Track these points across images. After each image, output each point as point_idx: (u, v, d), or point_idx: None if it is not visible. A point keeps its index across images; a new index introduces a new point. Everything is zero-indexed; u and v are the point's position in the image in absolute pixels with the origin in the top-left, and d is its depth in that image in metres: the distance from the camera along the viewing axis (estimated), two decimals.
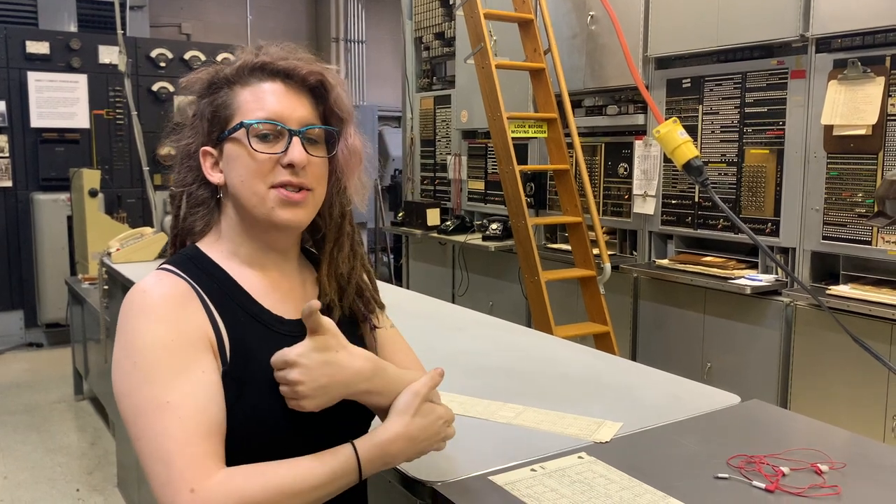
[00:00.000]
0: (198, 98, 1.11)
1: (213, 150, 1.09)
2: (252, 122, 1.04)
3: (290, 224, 1.07)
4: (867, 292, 2.81)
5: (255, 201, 1.05)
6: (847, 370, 2.84)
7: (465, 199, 5.17)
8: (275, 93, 1.06)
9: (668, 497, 1.12)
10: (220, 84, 1.09)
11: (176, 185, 1.14)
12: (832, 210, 2.98)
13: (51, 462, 3.87)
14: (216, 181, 1.09)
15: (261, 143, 1.04)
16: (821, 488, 1.16)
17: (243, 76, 1.08)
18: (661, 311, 3.64)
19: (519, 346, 2.07)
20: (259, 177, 1.04)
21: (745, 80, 3.28)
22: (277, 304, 1.09)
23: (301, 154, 1.05)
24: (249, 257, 1.10)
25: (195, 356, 0.97)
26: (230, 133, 1.06)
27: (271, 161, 1.04)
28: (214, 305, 1.03)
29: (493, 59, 3.67)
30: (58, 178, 5.92)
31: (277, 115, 1.05)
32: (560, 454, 1.28)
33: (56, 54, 6.03)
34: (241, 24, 8.22)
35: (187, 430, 0.92)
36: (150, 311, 0.98)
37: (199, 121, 1.10)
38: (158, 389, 0.93)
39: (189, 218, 1.12)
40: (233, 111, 1.07)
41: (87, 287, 4.55)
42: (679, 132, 1.64)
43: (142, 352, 0.95)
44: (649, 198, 3.74)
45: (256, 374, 1.01)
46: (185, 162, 1.12)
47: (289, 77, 1.08)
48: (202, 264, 1.08)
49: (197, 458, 0.91)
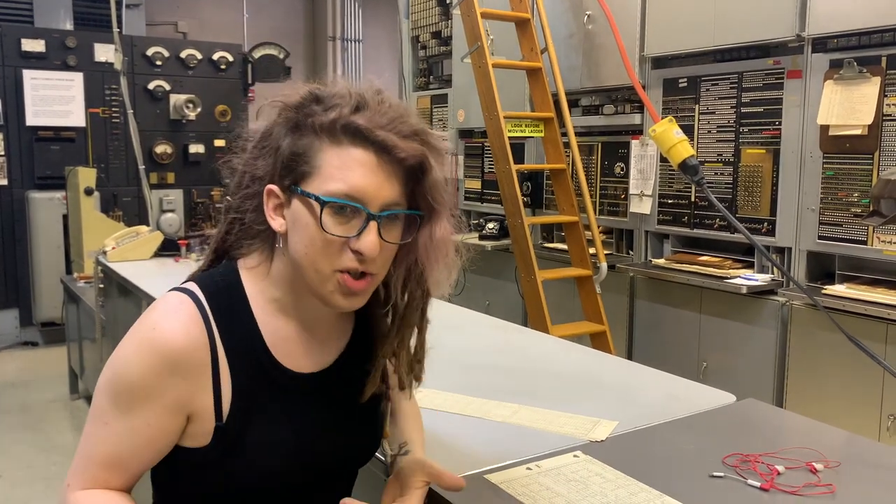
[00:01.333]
0: (279, 125, 1.00)
1: (281, 194, 0.99)
2: (329, 200, 0.93)
3: (345, 310, 1.03)
4: (863, 292, 2.82)
5: (315, 278, 0.97)
6: (843, 370, 2.85)
7: (462, 198, 5.17)
8: (363, 166, 0.94)
9: (663, 496, 1.12)
10: (308, 128, 0.97)
11: (233, 204, 1.05)
12: (828, 210, 2.99)
13: (46, 461, 3.86)
14: (277, 228, 0.99)
15: (334, 219, 0.94)
16: (815, 487, 1.16)
17: (335, 132, 0.95)
18: (657, 311, 3.65)
19: (515, 345, 2.07)
20: (324, 256, 0.95)
21: (741, 79, 3.28)
22: (297, 357, 1.05)
23: (372, 244, 0.94)
24: (287, 308, 1.04)
25: (152, 411, 0.97)
26: (304, 195, 0.95)
27: (340, 242, 0.95)
28: (227, 356, 0.99)
29: (489, 58, 3.67)
30: (53, 177, 5.90)
31: (360, 193, 0.94)
32: (556, 453, 1.28)
33: (52, 52, 6.01)
34: (238, 22, 8.20)
35: (101, 452, 1.00)
36: (147, 351, 0.96)
37: (275, 154, 0.99)
38: (110, 410, 0.98)
39: (238, 243, 1.06)
40: (312, 168, 0.96)
41: (82, 286, 4.54)
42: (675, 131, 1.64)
43: (118, 375, 0.98)
44: (646, 197, 3.74)
45: (255, 432, 1.00)
46: (248, 185, 1.02)
47: (385, 151, 0.95)
48: (234, 302, 1.01)
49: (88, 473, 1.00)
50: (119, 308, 3.20)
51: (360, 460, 1.14)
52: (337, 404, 1.08)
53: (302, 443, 1.03)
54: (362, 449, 1.13)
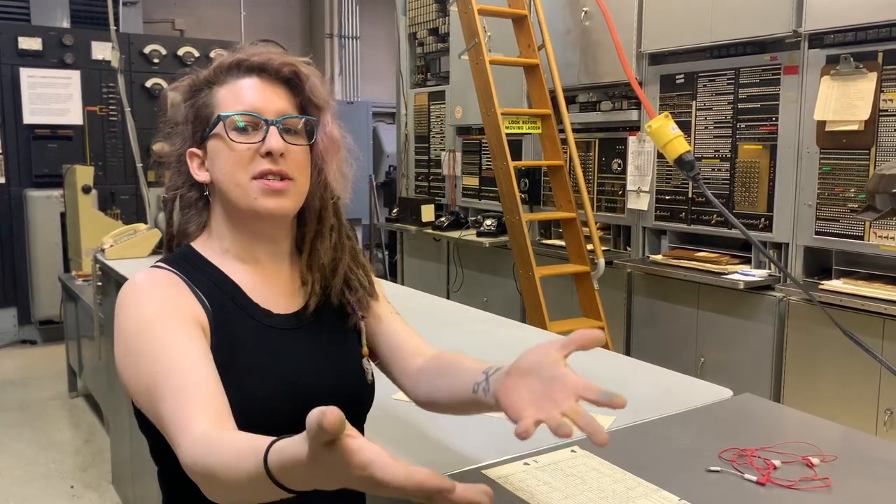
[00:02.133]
0: (182, 103, 1.14)
1: (199, 151, 1.11)
2: (228, 115, 1.07)
3: (275, 213, 1.08)
4: (859, 287, 2.83)
5: (238, 192, 1.07)
6: (840, 365, 2.86)
7: (460, 195, 5.18)
8: (251, 87, 1.09)
9: (660, 490, 1.13)
10: (199, 86, 1.12)
11: (168, 190, 1.17)
12: (825, 205, 2.99)
13: (45, 459, 3.87)
14: (202, 179, 1.11)
15: (239, 135, 1.06)
16: (812, 481, 1.17)
17: (220, 75, 1.11)
18: (654, 307, 3.65)
19: (512, 340, 2.07)
20: (240, 167, 1.06)
21: (738, 75, 3.29)
22: (268, 298, 1.11)
23: (278, 142, 1.06)
24: (241, 252, 1.12)
25: (183, 326, 0.98)
26: (210, 129, 1.08)
27: (251, 151, 1.06)
28: (205, 296, 1.05)
29: (487, 54, 3.68)
30: (51, 175, 5.90)
31: (253, 107, 1.07)
32: (553, 448, 1.28)
33: (49, 50, 6.00)
34: (235, 19, 8.19)
35: (176, 397, 0.91)
36: (138, 295, 1.02)
37: (185, 125, 1.13)
38: (151, 366, 0.94)
39: (181, 220, 1.15)
40: (212, 109, 1.09)
41: (80, 284, 4.54)
42: (671, 127, 1.64)
43: (131, 335, 0.98)
44: (643, 193, 3.75)
45: (239, 360, 1.04)
46: (175, 166, 1.15)
47: (263, 71, 1.10)
48: (194, 261, 1.10)
49: (181, 419, 0.88)
50: None
51: (353, 391, 1.16)
52: (316, 340, 1.14)
53: (287, 375, 1.07)
54: (349, 378, 1.15)
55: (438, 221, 5.05)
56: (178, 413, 0.88)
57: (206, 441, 0.84)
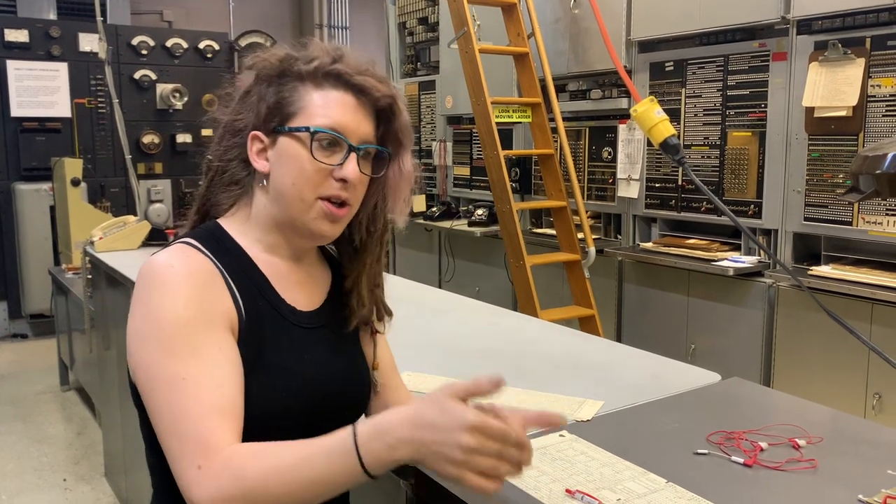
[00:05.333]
0: (262, 80, 1.09)
1: (265, 138, 1.07)
2: (319, 130, 1.04)
3: (327, 237, 1.09)
4: (848, 272, 2.84)
5: (300, 207, 1.05)
6: (829, 349, 2.87)
7: (451, 185, 5.17)
8: (345, 105, 1.06)
9: (647, 473, 1.14)
10: (292, 76, 1.07)
11: (213, 156, 1.12)
12: (814, 191, 3.01)
13: (37, 452, 3.86)
14: (261, 169, 1.08)
15: (321, 152, 1.04)
16: (798, 462, 1.18)
17: (317, 78, 1.07)
18: (645, 294, 3.66)
19: (503, 328, 2.08)
20: (311, 185, 1.05)
21: (727, 62, 3.29)
22: (292, 293, 1.11)
23: (355, 171, 1.05)
24: (272, 247, 1.11)
25: (214, 334, 0.98)
26: (292, 130, 1.05)
27: (325, 171, 1.05)
28: (236, 286, 1.04)
29: (476, 43, 3.67)
30: (39, 168, 5.87)
31: (343, 126, 1.05)
32: (542, 433, 1.29)
33: (35, 42, 5.96)
34: (224, 10, 8.14)
35: (201, 407, 0.92)
36: (173, 286, 0.98)
37: (258, 102, 1.08)
38: (176, 366, 0.94)
39: (219, 193, 1.12)
40: (298, 109, 1.06)
41: (70, 277, 4.52)
42: (656, 111, 1.64)
43: (162, 326, 0.95)
44: (633, 181, 3.75)
45: (266, 358, 1.03)
46: (230, 137, 1.11)
47: (362, 93, 1.08)
48: (224, 243, 1.08)
49: (206, 435, 0.91)
50: (107, 298, 3.19)
51: (357, 398, 1.18)
52: (332, 341, 1.14)
53: (307, 374, 1.07)
54: (360, 385, 1.18)
55: (430, 212, 5.04)
56: (200, 435, 0.91)
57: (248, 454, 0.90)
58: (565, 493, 1.07)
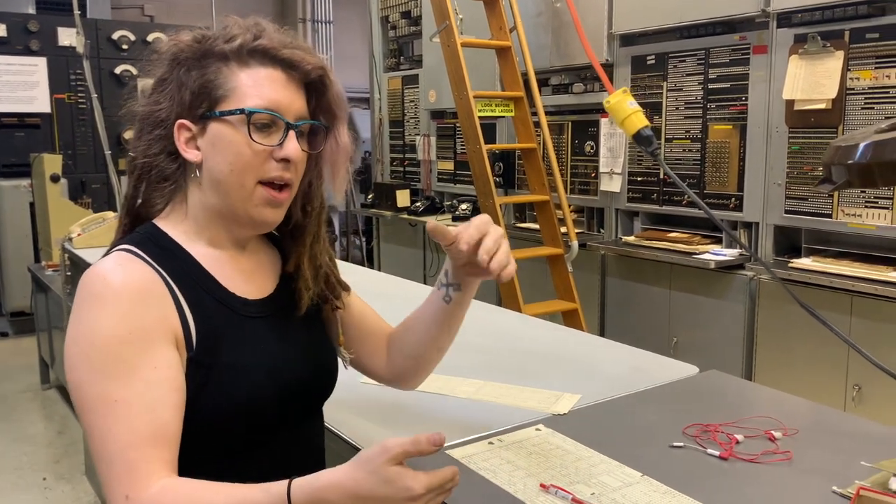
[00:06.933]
0: (179, 65, 1.02)
1: (193, 126, 1.01)
2: (255, 110, 0.99)
3: (270, 224, 1.06)
4: (828, 264, 2.86)
5: (241, 194, 1.01)
6: (810, 342, 2.89)
7: (435, 179, 5.16)
8: (275, 81, 1.01)
9: (623, 466, 1.13)
10: (214, 57, 1.01)
11: (136, 153, 1.05)
12: (794, 184, 3.02)
13: (17, 451, 3.82)
14: (192, 159, 1.02)
15: (258, 134, 1.00)
16: (773, 454, 1.18)
17: (242, 56, 1.01)
18: (628, 288, 3.67)
19: (485, 323, 2.07)
20: (251, 169, 1.00)
21: (708, 56, 3.29)
22: (241, 285, 1.07)
23: (297, 150, 1.02)
24: (213, 241, 1.06)
25: (149, 353, 0.92)
26: (224, 114, 1.00)
27: (265, 153, 1.00)
28: (181, 290, 0.99)
29: (458, 37, 3.65)
30: (18, 164, 5.79)
31: (276, 104, 1.00)
32: (518, 427, 1.28)
33: (13, 37, 5.88)
34: (206, 4, 8.05)
35: (131, 434, 0.88)
36: (107, 301, 0.92)
37: (179, 90, 1.01)
38: (108, 387, 0.90)
39: (151, 193, 1.05)
40: (227, 91, 1.00)
41: (50, 274, 4.48)
42: (629, 102, 1.63)
43: (95, 345, 0.91)
44: (615, 175, 3.75)
45: (224, 358, 1.00)
46: (152, 130, 1.03)
47: (291, 67, 1.03)
48: (163, 244, 1.03)
49: (137, 464, 0.88)
50: None
51: (325, 381, 1.16)
52: (289, 327, 1.11)
53: (268, 365, 1.04)
54: (325, 367, 1.16)
55: (414, 206, 5.03)
56: (130, 463, 0.88)
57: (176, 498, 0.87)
58: (540, 488, 1.07)
